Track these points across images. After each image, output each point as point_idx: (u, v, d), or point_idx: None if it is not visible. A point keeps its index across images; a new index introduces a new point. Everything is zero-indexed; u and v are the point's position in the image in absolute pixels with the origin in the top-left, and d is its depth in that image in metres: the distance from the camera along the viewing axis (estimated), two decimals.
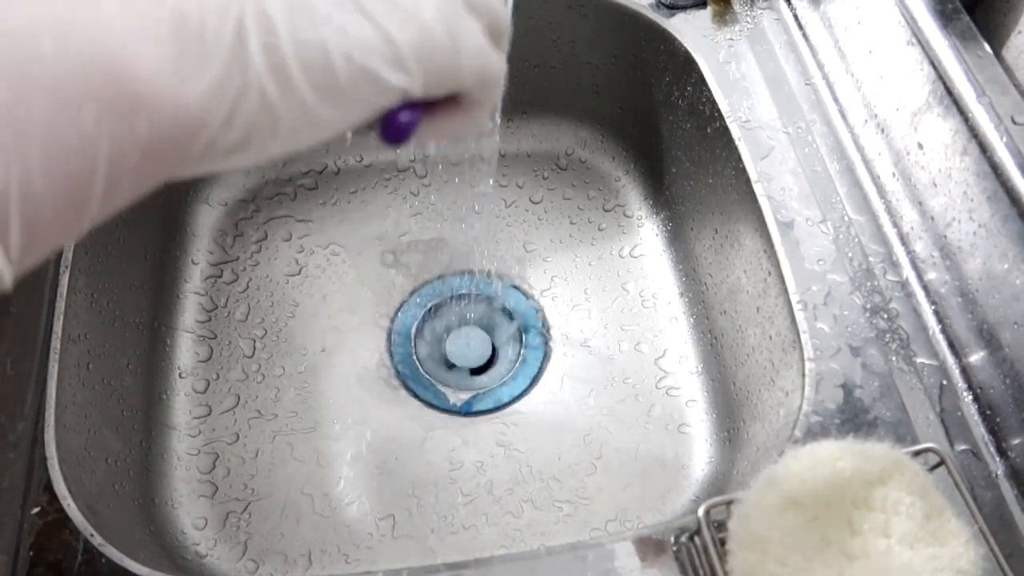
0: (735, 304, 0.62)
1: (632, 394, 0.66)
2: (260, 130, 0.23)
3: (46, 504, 0.46)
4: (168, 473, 0.61)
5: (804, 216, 0.57)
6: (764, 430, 0.55)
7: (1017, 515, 0.45)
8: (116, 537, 0.45)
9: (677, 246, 0.72)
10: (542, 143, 0.80)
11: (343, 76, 0.24)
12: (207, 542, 0.59)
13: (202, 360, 0.67)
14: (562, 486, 0.62)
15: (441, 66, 0.26)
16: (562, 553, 0.45)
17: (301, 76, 0.23)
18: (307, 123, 0.24)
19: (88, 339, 0.55)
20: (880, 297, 0.53)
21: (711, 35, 0.67)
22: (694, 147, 0.68)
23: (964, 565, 0.36)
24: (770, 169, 0.59)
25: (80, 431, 0.51)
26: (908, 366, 0.51)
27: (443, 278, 0.73)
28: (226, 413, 0.65)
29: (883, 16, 0.56)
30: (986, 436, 0.48)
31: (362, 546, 0.60)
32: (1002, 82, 0.48)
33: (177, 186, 0.73)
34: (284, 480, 0.62)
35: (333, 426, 0.65)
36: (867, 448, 0.39)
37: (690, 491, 0.62)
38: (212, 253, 0.73)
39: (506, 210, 0.77)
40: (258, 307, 0.70)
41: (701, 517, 0.40)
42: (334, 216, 0.76)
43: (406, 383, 0.67)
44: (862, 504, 0.38)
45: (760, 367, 0.57)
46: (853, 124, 0.61)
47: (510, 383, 0.68)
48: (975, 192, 0.49)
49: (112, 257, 0.60)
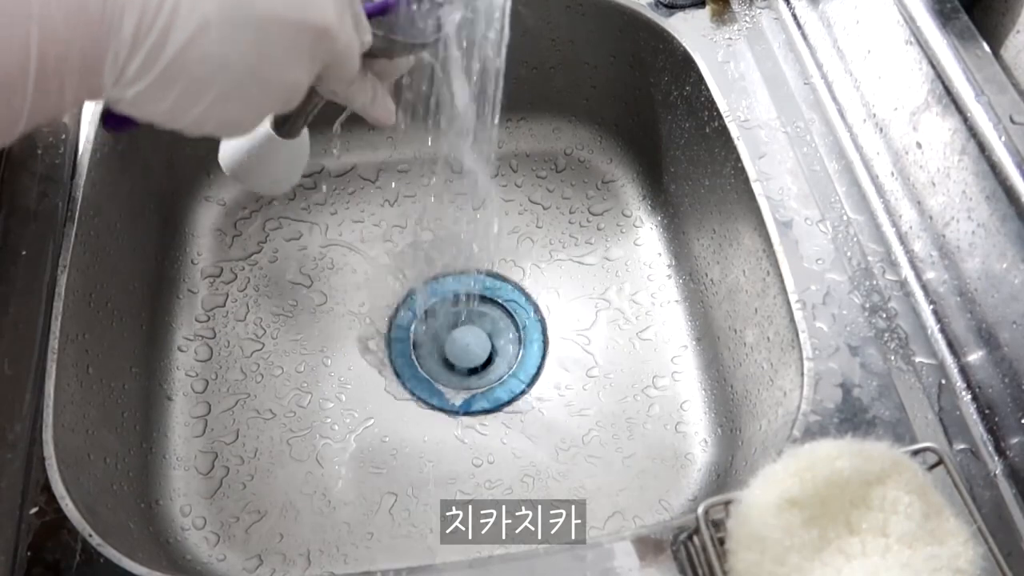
0: (734, 303, 0.62)
1: (631, 393, 0.66)
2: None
3: (44, 504, 0.46)
4: (167, 473, 0.61)
5: (803, 215, 0.57)
6: (763, 429, 0.55)
7: (1016, 514, 0.45)
8: (114, 537, 0.45)
9: (676, 246, 0.72)
10: (541, 143, 0.80)
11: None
12: (206, 542, 0.59)
13: (201, 360, 0.67)
14: (561, 485, 0.62)
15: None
16: (561, 553, 0.45)
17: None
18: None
19: (86, 339, 0.55)
20: (879, 296, 0.54)
21: (710, 35, 0.67)
22: (693, 146, 0.68)
23: (963, 564, 0.36)
24: (769, 168, 0.59)
25: (78, 431, 0.51)
26: (907, 365, 0.51)
27: (442, 278, 0.73)
28: (225, 413, 0.65)
29: (882, 15, 0.56)
30: (985, 435, 0.48)
31: (361, 546, 0.60)
32: (1000, 81, 0.48)
33: (176, 186, 0.73)
34: (283, 480, 0.62)
35: (332, 426, 0.65)
36: (866, 447, 0.39)
37: (689, 490, 0.62)
38: (211, 253, 0.73)
39: (505, 210, 0.77)
40: (257, 307, 0.70)
41: (700, 516, 0.40)
42: (333, 216, 0.76)
43: (405, 383, 0.67)
44: (861, 503, 0.38)
45: (759, 366, 0.57)
46: (852, 123, 0.61)
47: (509, 383, 0.67)
48: (974, 191, 0.49)
49: (110, 257, 0.60)
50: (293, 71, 0.33)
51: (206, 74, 0.30)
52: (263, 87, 0.32)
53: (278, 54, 0.31)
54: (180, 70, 0.29)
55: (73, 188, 0.57)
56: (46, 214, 0.56)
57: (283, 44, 0.31)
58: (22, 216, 0.56)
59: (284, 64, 0.32)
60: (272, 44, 0.31)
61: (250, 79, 0.31)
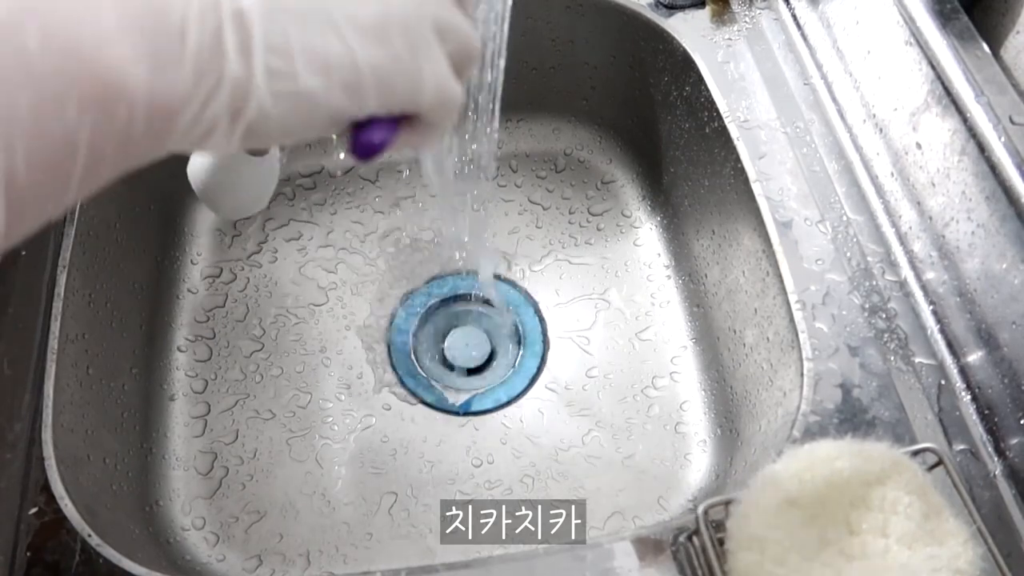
0: (733, 304, 0.62)
1: (630, 394, 0.66)
2: (223, 122, 0.24)
3: (43, 504, 0.46)
4: (166, 473, 0.61)
5: (802, 216, 0.57)
6: (762, 430, 0.55)
7: (1015, 515, 0.45)
8: (114, 537, 0.45)
9: (675, 246, 0.72)
10: (541, 143, 0.80)
11: (303, 86, 0.24)
12: (205, 542, 0.59)
13: (200, 360, 0.67)
14: (561, 486, 0.62)
15: (400, 92, 0.26)
16: (561, 553, 0.45)
17: (264, 81, 0.24)
18: (267, 125, 0.25)
19: (86, 339, 0.55)
20: (878, 297, 0.54)
21: (709, 35, 0.67)
22: (692, 147, 0.68)
23: (962, 565, 0.36)
24: (768, 169, 0.59)
25: (78, 431, 0.51)
26: (906, 366, 0.51)
27: (441, 278, 0.73)
28: (224, 413, 0.65)
29: (881, 16, 0.57)
30: (984, 436, 0.48)
31: (360, 546, 0.60)
32: (1000, 82, 0.48)
33: (176, 186, 0.73)
34: (282, 480, 0.62)
35: (332, 426, 0.65)
36: (865, 448, 0.39)
37: (688, 491, 0.62)
38: (211, 253, 0.73)
39: (505, 210, 0.77)
40: (256, 307, 0.70)
41: (700, 517, 0.40)
42: (333, 216, 0.76)
43: (405, 383, 0.67)
44: (860, 504, 0.38)
45: (758, 367, 0.57)
46: (852, 124, 0.61)
47: (509, 383, 0.67)
48: (973, 192, 0.49)
49: (110, 257, 0.60)
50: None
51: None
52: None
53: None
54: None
55: None
56: None
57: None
58: None
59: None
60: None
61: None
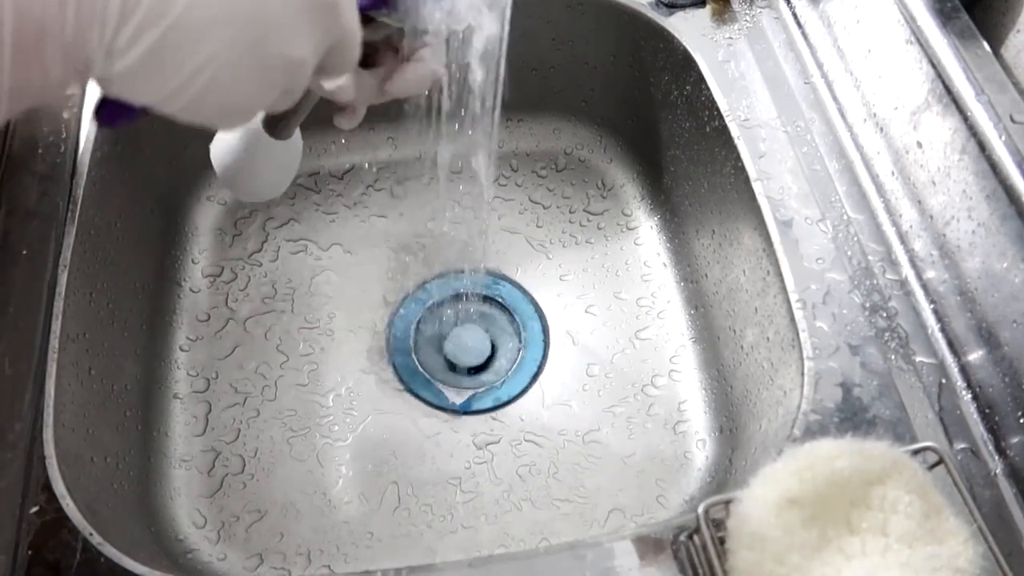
0: (734, 303, 0.62)
1: (631, 393, 0.67)
2: (98, 53, 0.27)
3: (45, 503, 0.46)
4: (167, 472, 0.61)
5: (803, 215, 0.57)
6: (763, 429, 0.55)
7: (1016, 514, 0.45)
8: (115, 536, 0.45)
9: (676, 245, 0.72)
10: (541, 143, 0.80)
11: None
12: (206, 541, 0.59)
13: (201, 359, 0.67)
14: (561, 485, 0.63)
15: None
16: (561, 552, 0.45)
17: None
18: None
19: (87, 338, 0.55)
20: (879, 296, 0.54)
21: (710, 34, 0.67)
22: (693, 146, 0.68)
23: (962, 564, 0.36)
24: (769, 168, 0.59)
25: (79, 430, 0.51)
26: (907, 365, 0.51)
27: (442, 277, 0.73)
28: (225, 412, 0.65)
29: (882, 15, 0.56)
30: (985, 435, 0.48)
31: (361, 545, 0.60)
32: (1001, 80, 0.48)
33: (177, 185, 0.73)
34: (283, 479, 0.62)
35: (332, 426, 0.65)
36: (866, 447, 0.39)
37: (689, 490, 0.62)
38: (212, 252, 0.73)
39: (505, 210, 0.77)
40: (257, 306, 0.70)
41: (700, 516, 0.40)
42: (333, 216, 0.76)
43: (405, 382, 0.67)
44: (861, 503, 0.38)
45: (759, 366, 0.57)
46: (852, 123, 0.61)
47: (509, 382, 0.68)
48: (974, 191, 0.49)
49: (111, 256, 0.60)
50: (299, 46, 0.30)
51: (204, 43, 0.28)
52: (267, 63, 0.30)
53: (283, 22, 0.29)
54: (175, 38, 0.27)
55: (73, 187, 0.57)
56: (46, 213, 0.56)
57: (289, 11, 0.29)
58: (22, 216, 0.56)
59: (289, 36, 0.30)
60: (277, 10, 0.29)
61: (253, 52, 0.29)
